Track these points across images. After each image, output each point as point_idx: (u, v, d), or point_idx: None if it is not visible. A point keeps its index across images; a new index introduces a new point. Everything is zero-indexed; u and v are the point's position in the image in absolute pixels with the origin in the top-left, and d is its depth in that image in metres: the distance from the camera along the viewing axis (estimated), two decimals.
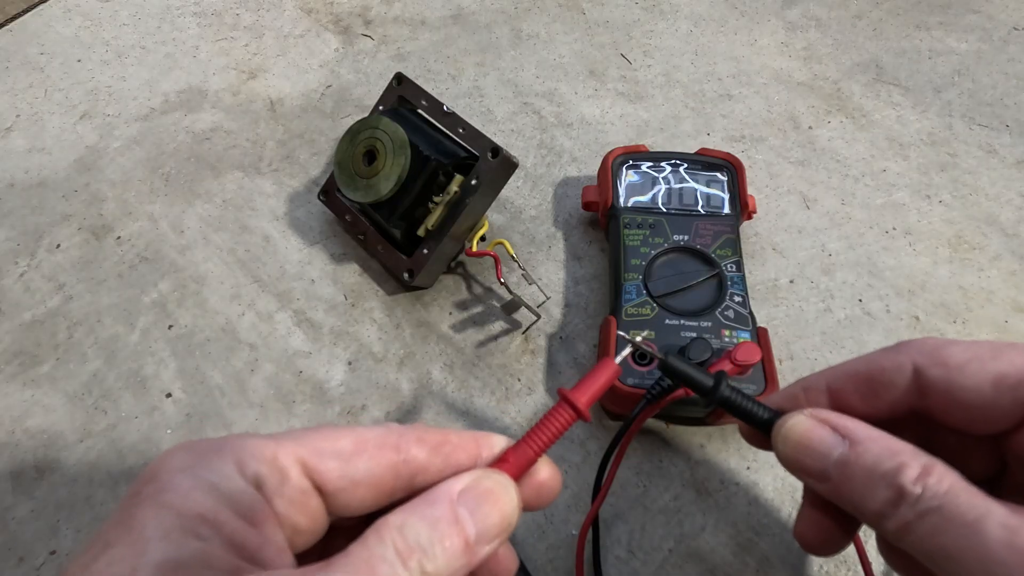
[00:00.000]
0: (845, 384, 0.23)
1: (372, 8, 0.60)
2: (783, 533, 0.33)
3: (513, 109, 0.52)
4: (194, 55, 0.56)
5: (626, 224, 0.39)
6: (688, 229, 0.38)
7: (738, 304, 0.36)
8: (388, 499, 0.20)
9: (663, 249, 0.38)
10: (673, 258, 0.38)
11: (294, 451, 0.19)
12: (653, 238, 0.38)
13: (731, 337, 0.34)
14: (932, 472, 0.19)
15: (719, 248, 0.38)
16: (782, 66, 0.54)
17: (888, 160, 0.48)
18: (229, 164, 0.49)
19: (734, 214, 0.40)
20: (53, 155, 0.49)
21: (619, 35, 0.57)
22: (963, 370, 0.21)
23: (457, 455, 0.20)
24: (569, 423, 0.21)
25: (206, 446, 0.18)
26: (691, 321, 0.35)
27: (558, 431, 0.21)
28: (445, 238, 0.38)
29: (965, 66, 0.53)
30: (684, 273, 0.37)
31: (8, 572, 0.33)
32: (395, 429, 0.20)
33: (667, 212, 0.40)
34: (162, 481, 0.17)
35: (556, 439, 0.21)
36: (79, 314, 0.41)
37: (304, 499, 0.19)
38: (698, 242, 0.38)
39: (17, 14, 0.60)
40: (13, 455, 0.36)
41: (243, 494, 0.18)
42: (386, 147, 0.38)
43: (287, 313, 0.41)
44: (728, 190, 0.41)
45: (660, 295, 0.36)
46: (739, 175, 0.41)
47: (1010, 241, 0.43)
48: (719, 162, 0.42)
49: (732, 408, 0.24)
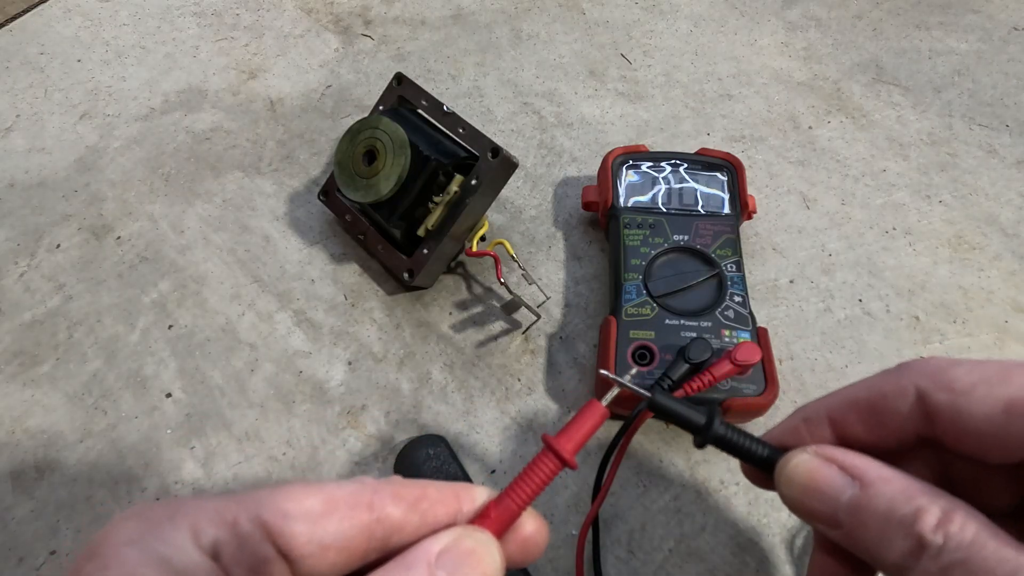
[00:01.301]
0: (847, 413, 0.22)
1: (372, 8, 0.60)
2: (783, 533, 0.33)
3: (513, 109, 0.52)
4: (194, 55, 0.56)
5: (626, 224, 0.39)
6: (688, 229, 0.38)
7: (738, 304, 0.35)
8: (360, 562, 0.18)
9: (663, 249, 0.38)
10: (673, 258, 0.38)
11: (256, 513, 0.17)
12: (653, 238, 0.38)
13: (731, 337, 0.34)
14: (953, 519, 0.17)
15: (719, 248, 0.38)
16: (782, 66, 0.54)
17: (888, 160, 0.48)
18: (229, 164, 0.49)
19: (734, 214, 0.40)
20: (53, 155, 0.49)
21: (619, 35, 0.57)
22: (970, 395, 0.19)
23: (436, 511, 0.19)
24: (554, 472, 0.19)
25: (158, 513, 0.17)
26: (691, 321, 0.35)
27: (543, 482, 0.19)
28: (445, 238, 0.38)
29: (965, 66, 0.53)
30: (684, 273, 0.37)
31: (8, 572, 0.33)
32: (369, 485, 0.18)
33: (667, 212, 0.40)
34: (106, 557, 0.16)
35: (541, 490, 0.19)
36: (79, 314, 0.41)
37: (267, 568, 0.17)
38: (698, 242, 0.38)
39: (17, 14, 0.60)
40: (13, 455, 0.36)
41: (198, 567, 0.16)
42: (386, 147, 0.38)
43: (287, 313, 0.41)
44: (728, 190, 0.41)
45: (660, 295, 0.36)
46: (739, 175, 0.41)
47: (1010, 241, 0.43)
48: (719, 162, 0.42)
49: (728, 447, 0.22)
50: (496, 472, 0.35)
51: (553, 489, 0.34)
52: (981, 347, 0.39)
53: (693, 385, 0.31)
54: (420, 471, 0.33)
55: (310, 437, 0.36)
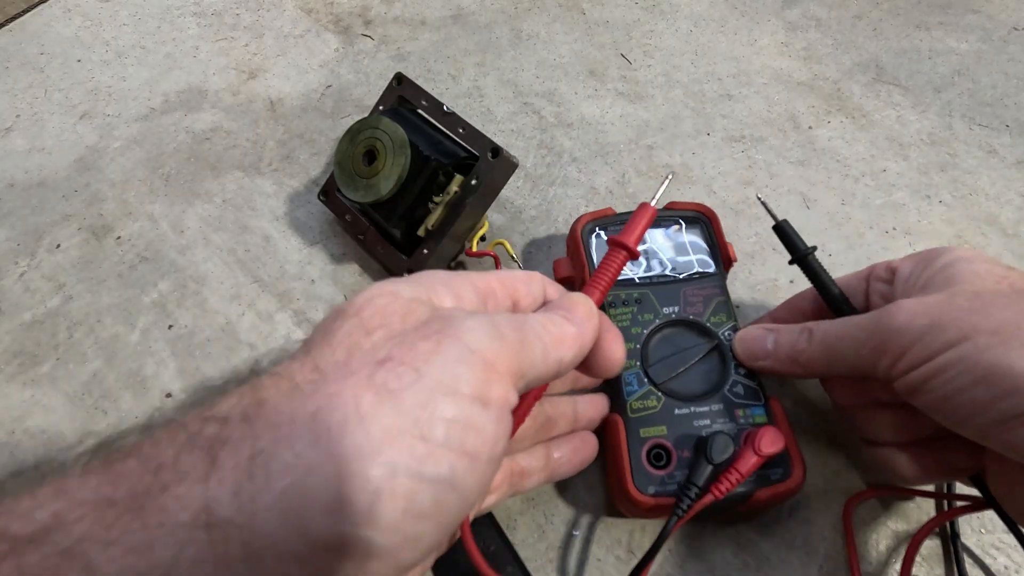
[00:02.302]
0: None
1: (372, 8, 0.60)
2: (783, 533, 0.33)
3: (513, 109, 0.52)
4: (194, 55, 0.56)
5: (611, 303, 0.36)
6: (676, 298, 0.36)
7: (744, 376, 0.33)
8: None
9: (655, 326, 0.35)
10: (668, 334, 0.35)
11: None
12: (642, 315, 0.35)
13: (745, 417, 0.32)
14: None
15: (712, 315, 0.35)
16: (782, 66, 0.54)
17: (888, 160, 0.48)
18: (229, 164, 0.49)
19: (718, 272, 0.37)
20: (53, 155, 0.49)
21: (619, 35, 0.57)
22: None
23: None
24: (625, 262, 0.28)
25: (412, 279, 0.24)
26: (701, 407, 0.32)
27: (616, 270, 0.28)
28: (445, 238, 0.38)
29: (965, 66, 0.53)
30: (683, 351, 0.34)
31: None
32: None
33: (650, 282, 0.36)
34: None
35: (616, 277, 0.28)
36: (79, 314, 0.41)
37: None
38: (690, 311, 0.35)
39: (17, 14, 0.60)
40: (13, 455, 0.36)
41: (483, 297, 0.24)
42: (386, 147, 0.38)
43: (287, 313, 0.41)
44: (707, 243, 0.38)
45: (663, 381, 0.33)
46: (714, 226, 0.38)
47: (1010, 241, 0.43)
48: (692, 215, 0.39)
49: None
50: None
51: (553, 488, 0.34)
52: None
53: (721, 487, 0.29)
54: None
55: None
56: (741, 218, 0.45)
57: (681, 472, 0.31)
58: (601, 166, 0.48)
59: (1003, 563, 0.32)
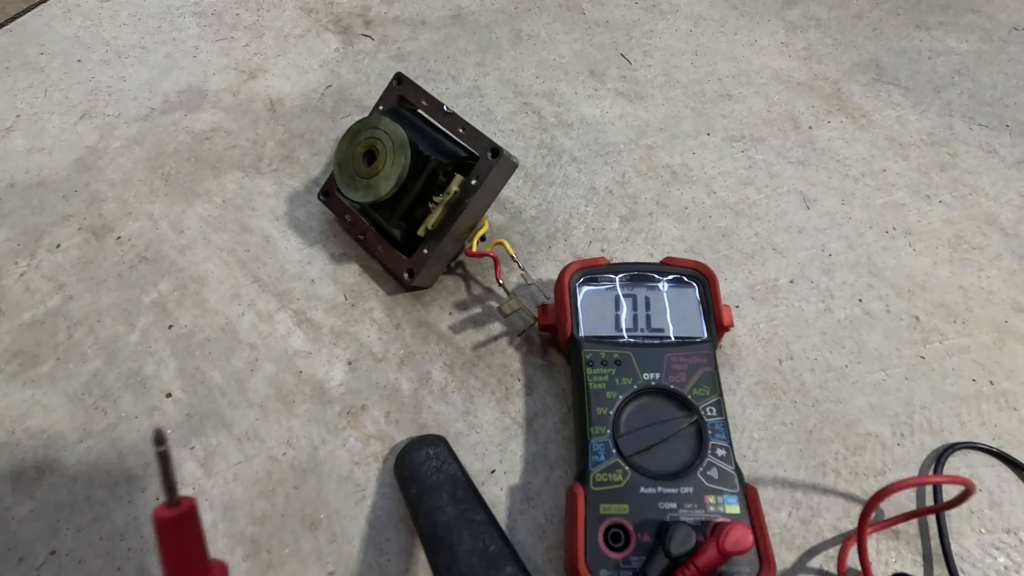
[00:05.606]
0: None
1: (372, 8, 0.60)
2: (783, 533, 0.33)
3: (513, 109, 0.52)
4: (194, 55, 0.56)
5: (589, 361, 0.34)
6: (659, 364, 0.33)
7: (722, 459, 0.31)
8: None
9: (632, 393, 0.33)
10: (644, 403, 0.33)
11: None
12: (620, 378, 0.33)
13: (716, 505, 0.29)
14: None
15: (696, 387, 0.33)
16: (782, 66, 0.54)
17: (888, 160, 0.48)
18: (229, 164, 0.49)
19: (710, 339, 0.34)
20: (53, 155, 0.49)
21: (619, 35, 0.57)
22: None
23: None
24: None
25: None
26: (669, 487, 0.30)
27: None
28: (445, 238, 0.38)
29: (965, 66, 0.53)
30: (658, 423, 0.32)
31: (8, 572, 0.33)
32: None
33: (634, 343, 0.34)
34: None
35: None
36: (79, 314, 0.41)
37: None
38: (671, 380, 0.33)
39: (17, 14, 0.60)
40: (13, 455, 0.36)
41: None
42: (386, 147, 0.38)
43: (287, 313, 0.41)
44: (701, 307, 0.36)
45: (632, 455, 0.31)
46: (712, 287, 0.36)
47: (1010, 241, 0.43)
48: (688, 272, 0.37)
49: None
50: (496, 472, 0.35)
51: (553, 488, 0.34)
52: (981, 347, 0.39)
53: None
54: (420, 471, 0.33)
55: (310, 437, 0.36)
56: (741, 218, 0.45)
57: (638, 558, 0.28)
58: (601, 166, 0.48)
59: (1003, 563, 0.32)
